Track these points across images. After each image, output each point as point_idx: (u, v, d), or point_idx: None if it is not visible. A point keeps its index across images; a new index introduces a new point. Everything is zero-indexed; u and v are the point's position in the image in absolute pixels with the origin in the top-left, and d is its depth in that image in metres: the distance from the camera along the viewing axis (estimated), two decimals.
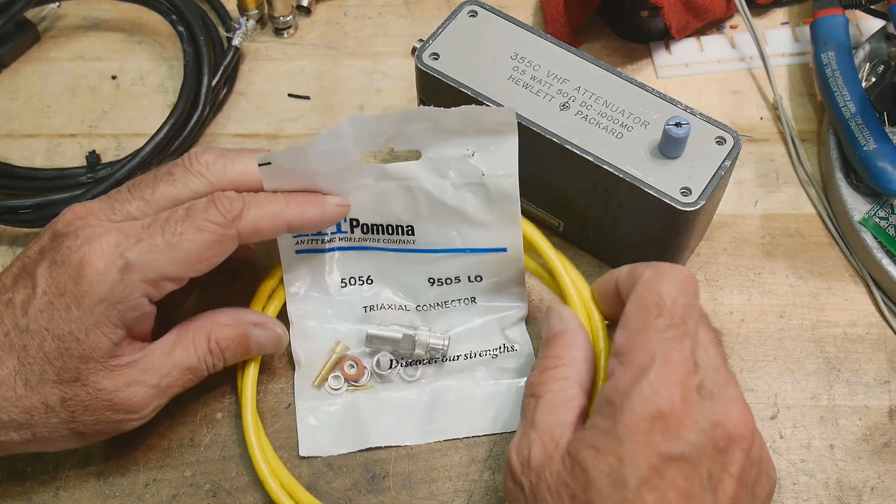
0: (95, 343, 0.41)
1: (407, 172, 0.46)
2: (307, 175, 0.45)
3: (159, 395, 0.43)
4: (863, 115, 0.54)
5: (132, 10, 0.65)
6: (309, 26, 0.65)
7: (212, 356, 0.45)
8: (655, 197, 0.46)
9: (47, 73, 0.63)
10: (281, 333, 0.47)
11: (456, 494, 0.46)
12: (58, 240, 0.42)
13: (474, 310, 0.50)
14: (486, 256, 0.48)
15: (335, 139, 0.44)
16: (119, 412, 0.42)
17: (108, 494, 0.46)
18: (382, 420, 0.48)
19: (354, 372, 0.49)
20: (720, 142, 0.47)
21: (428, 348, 0.48)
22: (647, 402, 0.36)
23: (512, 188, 0.46)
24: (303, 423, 0.48)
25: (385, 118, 0.44)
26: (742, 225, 0.55)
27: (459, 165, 0.46)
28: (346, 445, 0.47)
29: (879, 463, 0.47)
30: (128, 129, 0.60)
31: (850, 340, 0.51)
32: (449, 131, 0.45)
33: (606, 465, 0.36)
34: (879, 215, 0.53)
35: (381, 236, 0.49)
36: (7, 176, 0.56)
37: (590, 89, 0.49)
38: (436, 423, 0.48)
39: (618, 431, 0.36)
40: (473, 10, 0.52)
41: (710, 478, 0.36)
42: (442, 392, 0.49)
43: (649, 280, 0.40)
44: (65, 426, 0.42)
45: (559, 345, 0.42)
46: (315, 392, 0.49)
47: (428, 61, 0.50)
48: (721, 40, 0.63)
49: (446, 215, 0.47)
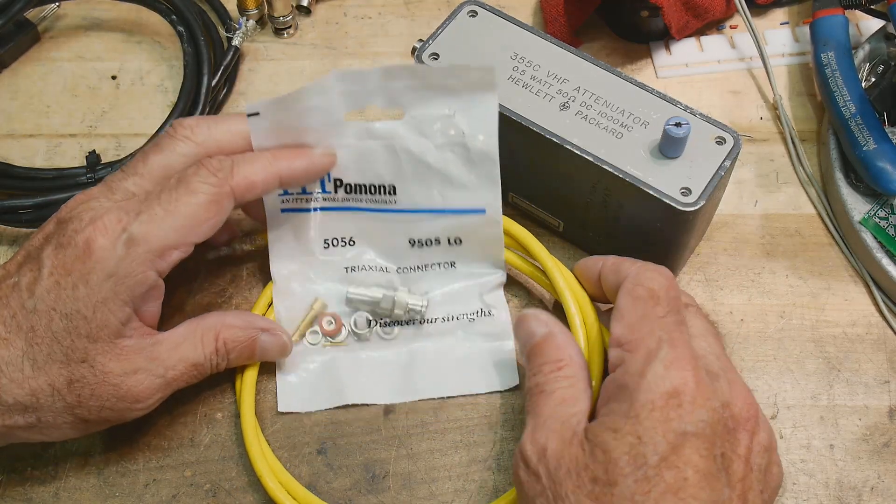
0: (103, 321, 0.41)
1: (390, 131, 0.47)
2: (294, 131, 0.46)
3: (164, 387, 0.44)
4: (862, 115, 0.54)
5: (132, 10, 0.65)
6: (309, 26, 0.65)
7: (217, 355, 0.45)
8: (655, 197, 0.46)
9: (47, 73, 0.63)
10: (287, 342, 0.48)
11: (456, 494, 0.46)
12: (62, 225, 0.43)
13: (454, 274, 0.51)
14: (465, 218, 0.49)
15: (322, 93, 0.45)
16: (124, 399, 0.42)
17: (108, 494, 0.46)
18: (360, 378, 0.49)
19: (332, 328, 0.49)
20: (720, 142, 0.47)
21: (407, 309, 0.49)
22: (661, 381, 0.37)
23: (491, 148, 0.46)
24: (282, 380, 0.49)
25: (370, 73, 0.45)
26: (742, 225, 0.55)
27: (441, 125, 0.47)
28: (322, 402, 0.48)
29: (879, 463, 0.47)
30: (128, 129, 0.60)
31: (850, 340, 0.51)
32: (431, 89, 0.46)
33: (626, 445, 0.36)
34: (879, 215, 0.53)
35: (363, 196, 0.49)
36: (7, 176, 0.56)
37: (590, 89, 0.49)
38: (412, 383, 0.49)
39: (635, 410, 0.37)
40: (473, 10, 0.52)
41: (723, 457, 0.37)
42: (419, 352, 0.50)
43: (638, 275, 0.42)
44: (70, 411, 0.42)
45: (552, 347, 0.43)
46: (294, 349, 0.49)
47: (428, 61, 0.50)
48: (721, 40, 0.63)
49: (428, 175, 0.48)
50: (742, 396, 0.39)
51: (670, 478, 0.35)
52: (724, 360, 0.41)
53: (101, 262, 0.41)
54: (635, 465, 0.36)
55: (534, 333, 0.44)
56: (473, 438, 0.48)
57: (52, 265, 0.42)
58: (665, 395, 0.37)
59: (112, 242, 0.41)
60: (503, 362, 0.49)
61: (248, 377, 0.47)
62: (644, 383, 0.37)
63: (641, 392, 0.37)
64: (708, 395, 0.37)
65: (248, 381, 0.47)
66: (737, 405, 0.39)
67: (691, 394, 0.37)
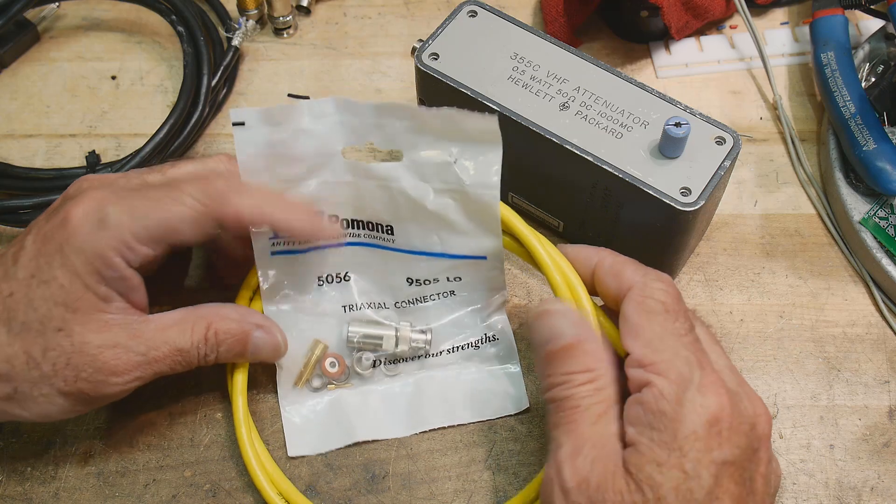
0: (80, 293, 0.41)
1: (388, 172, 0.45)
2: (287, 160, 0.44)
3: (143, 366, 0.42)
4: (862, 115, 0.54)
5: (132, 10, 0.65)
6: (309, 26, 0.65)
7: (206, 345, 0.44)
8: (655, 197, 0.46)
9: (47, 73, 0.63)
10: (281, 342, 0.46)
11: (456, 494, 0.46)
12: (64, 201, 0.43)
13: (453, 302, 0.50)
14: (466, 262, 0.47)
15: (318, 117, 0.44)
16: (100, 371, 0.41)
17: (108, 494, 0.46)
18: (368, 414, 0.48)
19: (336, 370, 0.49)
20: (720, 142, 0.47)
21: (411, 345, 0.49)
22: (700, 409, 0.36)
23: (493, 200, 0.45)
24: (288, 423, 0.48)
25: (368, 106, 0.44)
26: (742, 225, 0.55)
27: (441, 171, 0.45)
28: (333, 442, 0.47)
29: (879, 463, 0.47)
30: (127, 129, 0.60)
31: (850, 340, 0.51)
32: (430, 133, 0.44)
33: (673, 480, 0.35)
34: (879, 215, 0.53)
35: (360, 231, 0.48)
36: (7, 176, 0.56)
37: (589, 89, 0.49)
38: (421, 413, 0.48)
39: (678, 442, 0.36)
40: (473, 11, 0.52)
41: (751, 480, 0.37)
42: (425, 382, 0.49)
43: (646, 286, 0.40)
44: (46, 382, 0.41)
45: (583, 353, 0.40)
46: (298, 392, 0.48)
47: (428, 61, 0.50)
48: (721, 40, 0.63)
49: (426, 219, 0.46)
50: (763, 412, 0.39)
51: None
52: (736, 371, 0.40)
53: (74, 235, 0.41)
54: (683, 500, 0.35)
55: (561, 334, 0.40)
56: (473, 438, 0.48)
57: (35, 234, 0.42)
58: (707, 424, 0.36)
59: (85, 216, 0.41)
60: (512, 385, 0.49)
61: (237, 383, 0.46)
62: (684, 413, 0.36)
63: (684, 422, 0.36)
64: (741, 420, 0.37)
65: (238, 386, 0.46)
66: (760, 424, 0.38)
67: (728, 420, 0.36)
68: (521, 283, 0.53)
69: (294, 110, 0.43)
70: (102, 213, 0.41)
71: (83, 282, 0.41)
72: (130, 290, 0.43)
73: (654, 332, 0.39)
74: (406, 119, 0.44)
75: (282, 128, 0.43)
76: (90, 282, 0.41)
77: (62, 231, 0.41)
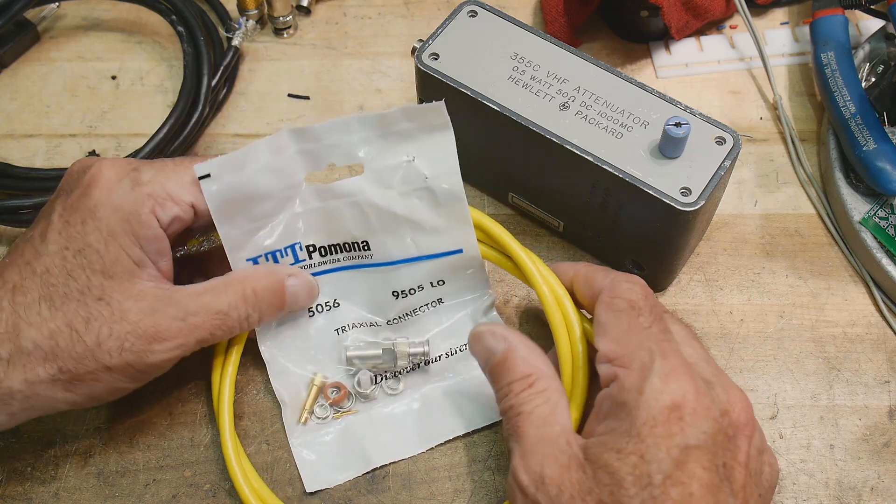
0: (115, 256, 0.41)
1: (352, 188, 0.46)
2: (253, 202, 0.45)
3: (185, 332, 0.42)
4: (862, 115, 0.54)
5: (132, 10, 0.65)
6: (309, 26, 0.65)
7: (246, 304, 0.44)
8: (655, 197, 0.46)
9: (47, 73, 0.63)
10: (312, 281, 0.47)
11: (456, 494, 0.46)
12: (70, 176, 0.44)
13: (443, 310, 0.50)
14: (443, 260, 0.48)
15: (276, 153, 0.45)
16: (143, 338, 0.41)
17: (108, 494, 0.46)
18: (380, 438, 0.47)
19: (338, 396, 0.48)
20: (720, 142, 0.47)
21: (409, 357, 0.48)
22: (660, 395, 0.37)
23: (456, 187, 0.46)
24: (301, 460, 0.47)
25: (322, 128, 0.45)
26: (742, 225, 0.55)
27: (402, 172, 0.46)
28: (350, 471, 0.47)
29: (879, 463, 0.47)
30: (127, 129, 0.60)
31: (850, 340, 0.51)
32: (383, 138, 0.45)
33: (630, 465, 0.36)
34: (879, 215, 0.53)
35: (339, 255, 0.48)
36: (7, 176, 0.56)
37: (590, 89, 0.49)
38: (433, 427, 0.48)
39: (636, 428, 0.36)
40: (473, 10, 0.52)
41: (725, 467, 0.37)
42: (431, 396, 0.49)
43: (614, 287, 0.41)
44: (91, 356, 0.41)
45: (517, 362, 0.41)
46: (304, 427, 0.48)
47: (428, 61, 0.50)
48: (721, 40, 0.63)
49: (397, 225, 0.47)
50: (739, 401, 0.39)
51: (676, 494, 0.35)
52: (713, 364, 0.41)
53: (106, 195, 0.42)
54: (641, 485, 0.35)
55: (493, 350, 0.42)
56: (473, 438, 0.48)
57: (61, 209, 0.42)
58: (666, 410, 0.36)
59: (119, 176, 0.42)
60: None
61: (224, 396, 0.46)
62: (643, 400, 0.37)
63: (642, 409, 0.36)
64: (707, 405, 0.37)
65: (226, 400, 0.46)
66: (735, 411, 0.38)
67: (692, 405, 0.36)
68: (522, 283, 0.53)
69: (252, 150, 0.44)
70: (134, 172, 0.42)
71: (118, 243, 0.41)
72: (161, 256, 0.43)
73: (619, 328, 0.40)
74: (357, 131, 0.45)
75: (244, 171, 0.44)
76: (125, 243, 0.42)
77: (89, 197, 0.42)
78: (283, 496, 0.46)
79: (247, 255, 0.46)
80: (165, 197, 0.42)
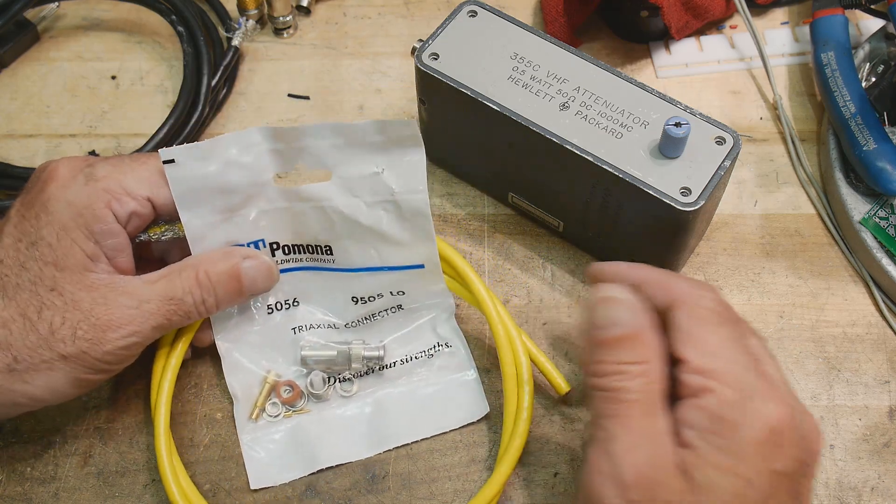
0: (67, 250, 0.42)
1: (319, 193, 0.46)
2: (220, 194, 0.45)
3: (139, 319, 0.43)
4: (862, 115, 0.54)
5: (132, 10, 0.65)
6: (308, 26, 0.65)
7: (200, 289, 0.44)
8: (655, 197, 0.46)
9: (47, 73, 0.63)
10: (270, 263, 0.47)
11: (456, 494, 0.46)
12: (35, 175, 0.45)
13: (402, 316, 0.50)
14: (405, 273, 0.48)
15: (246, 148, 0.45)
16: (97, 328, 0.42)
17: (108, 494, 0.46)
18: (329, 439, 0.47)
19: (291, 395, 0.48)
20: (720, 142, 0.47)
21: (364, 360, 0.48)
22: (762, 416, 0.36)
23: (422, 204, 0.46)
24: (249, 457, 0.47)
25: (294, 130, 0.45)
26: (742, 225, 0.55)
27: (370, 183, 0.46)
28: (295, 471, 0.47)
29: (879, 463, 0.47)
30: (127, 129, 0.60)
31: (850, 340, 0.51)
32: (355, 147, 0.45)
33: (731, 485, 0.35)
34: (879, 215, 0.53)
35: (302, 255, 0.48)
36: (7, 176, 0.56)
37: (589, 89, 0.49)
38: (383, 431, 0.48)
39: (737, 448, 0.36)
40: (473, 10, 0.52)
41: (799, 495, 0.37)
42: (384, 400, 0.49)
43: (696, 297, 0.39)
44: (45, 345, 0.41)
45: (640, 343, 0.38)
46: (255, 424, 0.48)
47: (428, 61, 0.50)
48: (721, 40, 0.63)
49: (362, 234, 0.47)
50: (815, 429, 0.38)
51: None
52: (789, 385, 0.39)
53: (60, 191, 0.42)
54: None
55: (621, 322, 0.39)
56: (473, 438, 0.48)
57: (18, 205, 0.44)
58: (768, 432, 0.36)
59: (72, 173, 0.43)
60: (469, 393, 0.49)
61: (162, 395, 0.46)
62: (747, 419, 0.36)
63: (745, 430, 0.36)
64: (798, 432, 0.37)
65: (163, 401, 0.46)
66: (811, 439, 0.38)
67: (786, 432, 0.36)
68: (522, 284, 0.53)
69: (219, 143, 0.44)
70: (88, 168, 0.43)
71: (70, 237, 0.42)
72: (118, 252, 0.43)
73: (708, 340, 0.38)
74: (329, 137, 0.45)
75: (210, 161, 0.44)
76: (78, 237, 0.42)
77: (45, 193, 0.43)
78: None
79: (208, 246, 0.46)
80: (121, 192, 0.43)
